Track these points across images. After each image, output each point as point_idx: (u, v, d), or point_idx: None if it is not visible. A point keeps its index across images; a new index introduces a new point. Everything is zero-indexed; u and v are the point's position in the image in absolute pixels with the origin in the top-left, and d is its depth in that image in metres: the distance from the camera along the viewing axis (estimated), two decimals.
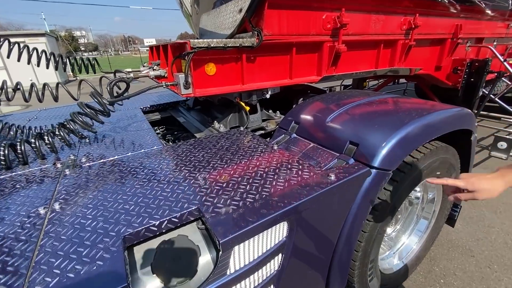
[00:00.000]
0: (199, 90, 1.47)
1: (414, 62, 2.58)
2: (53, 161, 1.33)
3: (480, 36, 3.27)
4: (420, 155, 1.34)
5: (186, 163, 1.20)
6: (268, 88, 1.79)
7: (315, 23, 1.71)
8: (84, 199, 0.97)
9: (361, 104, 1.56)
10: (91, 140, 1.59)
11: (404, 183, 1.30)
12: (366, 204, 1.16)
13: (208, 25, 2.05)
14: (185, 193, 0.96)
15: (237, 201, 0.89)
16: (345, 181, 0.99)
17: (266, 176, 1.05)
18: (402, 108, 1.49)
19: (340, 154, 1.27)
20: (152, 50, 2.05)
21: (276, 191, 0.93)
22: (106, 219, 0.85)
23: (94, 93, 1.42)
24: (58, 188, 1.07)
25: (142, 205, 0.90)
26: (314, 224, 0.99)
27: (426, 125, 1.26)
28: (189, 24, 2.63)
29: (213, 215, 0.83)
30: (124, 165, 1.22)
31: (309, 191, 0.92)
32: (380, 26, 2.07)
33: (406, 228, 1.84)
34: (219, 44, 1.40)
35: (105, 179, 1.10)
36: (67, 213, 0.89)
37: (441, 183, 0.90)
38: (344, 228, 1.14)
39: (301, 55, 1.82)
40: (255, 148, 1.33)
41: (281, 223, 0.86)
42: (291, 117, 1.67)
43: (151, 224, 0.81)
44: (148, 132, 1.70)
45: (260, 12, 1.48)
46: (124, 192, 0.99)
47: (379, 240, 1.37)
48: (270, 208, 0.83)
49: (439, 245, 2.19)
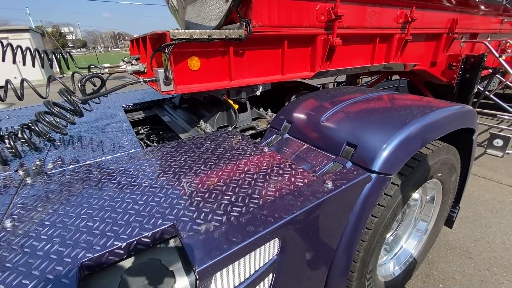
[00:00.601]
0: (181, 86, 1.33)
1: (410, 57, 2.50)
2: (16, 168, 1.18)
3: (474, 31, 3.21)
4: (422, 156, 1.24)
5: (165, 169, 1.07)
6: (259, 84, 1.67)
7: (308, 14, 1.58)
8: (42, 214, 0.83)
9: (357, 102, 1.45)
10: (63, 143, 1.43)
11: (405, 187, 1.20)
12: (365, 212, 1.05)
13: (194, 17, 1.90)
14: (160, 206, 0.83)
15: (220, 216, 0.76)
16: (343, 188, 0.88)
17: (255, 183, 0.93)
18: (402, 106, 1.39)
19: (337, 157, 1.16)
20: (133, 44, 1.89)
21: (266, 203, 0.81)
22: (63, 240, 0.71)
23: (63, 91, 1.27)
24: (15, 200, 0.92)
25: (109, 221, 0.77)
26: (308, 237, 0.87)
27: (429, 125, 1.15)
28: (175, 19, 2.47)
29: (190, 233, 0.70)
30: (94, 172, 1.08)
31: (304, 201, 0.80)
32: (376, 19, 1.96)
33: (403, 231, 1.75)
34: (202, 35, 1.26)
35: (70, 189, 0.96)
36: (19, 232, 0.75)
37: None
38: (341, 239, 1.03)
39: (294, 49, 1.69)
40: (243, 151, 1.21)
41: (271, 241, 0.74)
42: (283, 116, 1.55)
43: (117, 246, 0.68)
44: (127, 133, 1.56)
45: (248, 1, 1.35)
46: (90, 205, 0.86)
47: (379, 249, 1.27)
48: (258, 224, 0.71)
49: (436, 247, 2.12)
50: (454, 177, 1.59)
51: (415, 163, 1.22)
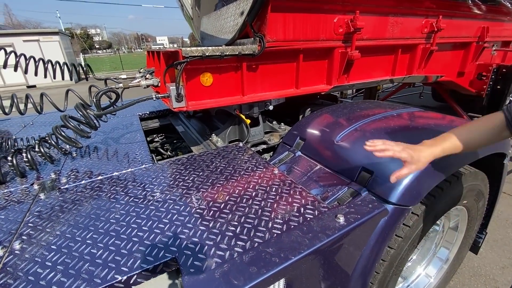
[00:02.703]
0: (193, 103, 1.32)
1: (435, 68, 2.35)
2: (33, 181, 1.21)
3: (507, 39, 2.99)
4: (446, 184, 1.15)
5: (173, 190, 1.05)
6: (272, 99, 1.63)
7: (325, 27, 1.53)
8: (49, 236, 0.84)
9: (376, 120, 1.37)
10: (78, 154, 1.47)
11: (426, 218, 1.12)
12: (380, 245, 0.98)
13: (209, 29, 1.90)
14: (164, 233, 0.81)
15: (223, 251, 0.73)
16: (357, 224, 0.82)
17: (262, 213, 0.89)
18: (425, 127, 1.29)
19: (351, 182, 1.10)
20: (149, 55, 1.92)
21: (272, 238, 0.77)
22: (66, 268, 0.71)
23: (79, 105, 1.29)
24: (27, 218, 0.94)
25: (112, 249, 0.76)
26: (317, 275, 0.82)
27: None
28: (190, 26, 2.48)
29: (191, 270, 0.67)
30: (104, 189, 1.08)
31: (312, 239, 0.75)
32: (398, 29, 1.86)
33: (422, 257, 1.64)
34: (215, 52, 1.24)
35: (79, 208, 0.97)
36: (26, 256, 0.76)
37: (387, 155, 0.84)
38: (353, 274, 0.97)
39: (309, 62, 1.64)
40: (252, 172, 1.17)
41: (276, 282, 0.70)
42: (296, 132, 1.50)
43: (117, 280, 0.66)
44: (140, 146, 1.57)
45: (262, 16, 1.32)
46: (96, 228, 0.85)
47: (395, 281, 1.19)
48: (262, 265, 0.67)
49: (459, 273, 1.97)
50: (482, 203, 1.47)
51: (438, 192, 1.13)
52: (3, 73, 13.82)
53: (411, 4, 1.85)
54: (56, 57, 4.33)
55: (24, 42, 13.93)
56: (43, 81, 12.91)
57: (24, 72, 1.55)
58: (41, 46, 14.38)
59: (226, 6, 1.58)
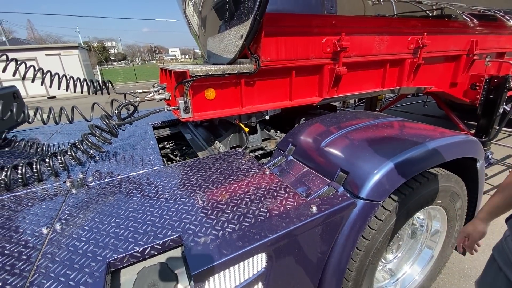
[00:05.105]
0: (198, 113, 1.55)
1: (425, 80, 2.52)
2: (65, 179, 1.45)
3: (501, 50, 3.11)
4: (416, 184, 1.31)
5: (180, 186, 1.27)
6: (268, 110, 1.84)
7: (314, 47, 1.74)
8: (82, 220, 1.06)
9: (358, 129, 1.56)
10: (101, 158, 1.71)
11: (397, 213, 1.28)
12: (354, 234, 1.15)
13: (214, 48, 2.15)
14: (171, 218, 1.02)
15: (217, 231, 0.93)
16: (326, 213, 1.00)
17: (251, 204, 1.08)
18: (400, 135, 1.47)
19: (331, 181, 1.28)
20: (162, 71, 2.18)
21: (256, 222, 0.97)
22: (97, 242, 0.92)
23: (104, 117, 1.54)
24: (63, 207, 1.17)
25: (131, 229, 0.97)
26: (294, 254, 1.00)
27: (419, 155, 1.23)
28: (197, 43, 2.75)
29: (192, 244, 0.87)
30: (124, 186, 1.31)
31: (288, 223, 0.94)
32: (384, 46, 2.05)
33: (408, 256, 1.77)
34: (217, 71, 1.47)
35: (104, 200, 1.19)
36: (66, 234, 0.98)
37: (459, 242, 1.15)
38: (331, 257, 1.14)
39: (301, 77, 1.85)
40: (247, 172, 1.37)
41: (258, 254, 0.89)
42: (290, 139, 1.70)
43: (135, 250, 0.87)
44: (153, 151, 1.80)
45: (257, 40, 1.55)
46: (118, 215, 1.07)
47: (372, 270, 1.34)
48: (246, 240, 0.87)
49: (449, 274, 2.07)
50: (459, 204, 1.60)
51: (409, 191, 1.29)
52: (26, 85, 14.72)
53: (396, 24, 2.04)
54: (75, 69, 4.65)
55: (46, 56, 14.90)
56: (62, 92, 13.66)
57: (41, 83, 1.82)
58: (61, 59, 15.32)
59: (228, 30, 1.83)
